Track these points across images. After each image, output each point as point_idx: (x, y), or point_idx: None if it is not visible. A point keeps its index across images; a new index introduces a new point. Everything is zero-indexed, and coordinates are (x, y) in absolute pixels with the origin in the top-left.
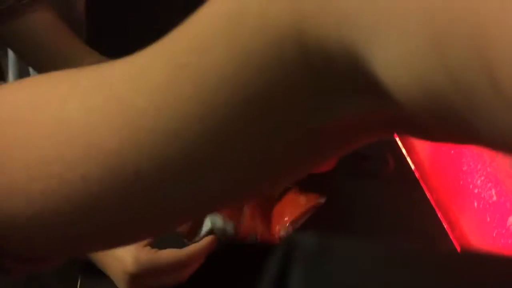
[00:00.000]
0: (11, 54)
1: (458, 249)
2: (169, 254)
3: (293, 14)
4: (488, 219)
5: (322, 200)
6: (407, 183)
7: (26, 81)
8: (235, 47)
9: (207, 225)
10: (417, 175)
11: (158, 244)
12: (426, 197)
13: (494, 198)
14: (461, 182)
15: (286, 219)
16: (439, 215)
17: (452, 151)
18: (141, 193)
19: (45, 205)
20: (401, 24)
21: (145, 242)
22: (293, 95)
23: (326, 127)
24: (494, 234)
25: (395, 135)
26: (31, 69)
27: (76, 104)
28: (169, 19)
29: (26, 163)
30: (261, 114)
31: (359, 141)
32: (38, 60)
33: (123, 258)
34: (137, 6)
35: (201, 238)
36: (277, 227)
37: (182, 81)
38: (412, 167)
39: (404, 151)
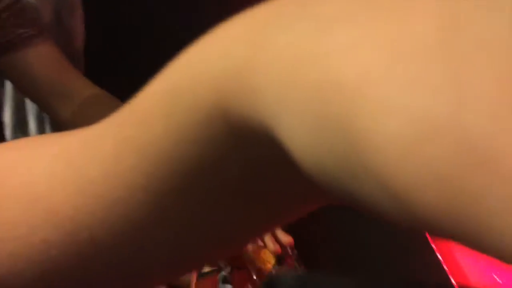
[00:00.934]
0: (8, 86)
1: None
2: None
3: (217, 93)
4: None
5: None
6: None
7: (10, 144)
8: (170, 124)
9: None
10: None
11: None
12: None
13: None
14: None
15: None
16: None
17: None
18: (97, 257)
19: (10, 269)
20: (294, 105)
21: None
22: (225, 167)
23: (266, 192)
24: None
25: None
26: (27, 101)
27: (41, 169)
28: (166, 52)
29: None
30: (197, 184)
31: (312, 203)
32: (35, 93)
33: None
34: (135, 39)
35: None
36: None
37: (127, 152)
38: None
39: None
